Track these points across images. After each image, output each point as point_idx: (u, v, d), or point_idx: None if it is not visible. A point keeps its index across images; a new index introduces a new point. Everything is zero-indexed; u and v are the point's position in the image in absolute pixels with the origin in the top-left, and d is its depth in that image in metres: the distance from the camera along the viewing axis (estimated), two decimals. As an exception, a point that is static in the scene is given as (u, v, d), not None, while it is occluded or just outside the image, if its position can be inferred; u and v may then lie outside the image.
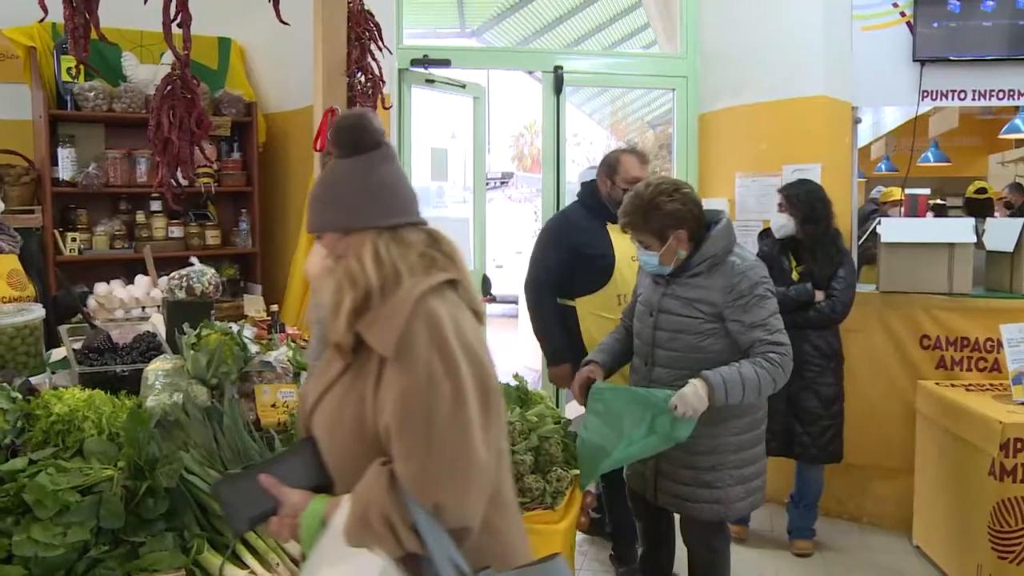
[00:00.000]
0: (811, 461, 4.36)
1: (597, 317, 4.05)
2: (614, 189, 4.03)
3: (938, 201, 10.79)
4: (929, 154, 11.72)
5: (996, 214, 9.24)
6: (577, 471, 2.90)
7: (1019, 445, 3.65)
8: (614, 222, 3.50)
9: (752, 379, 2.96)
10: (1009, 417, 3.72)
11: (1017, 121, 9.12)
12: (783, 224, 4.38)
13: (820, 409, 4.30)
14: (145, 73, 5.27)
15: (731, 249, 3.16)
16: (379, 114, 2.82)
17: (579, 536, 4.42)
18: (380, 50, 2.74)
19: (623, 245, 3.88)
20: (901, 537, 4.58)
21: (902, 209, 8.94)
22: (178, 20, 2.47)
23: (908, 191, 6.88)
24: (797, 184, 4.45)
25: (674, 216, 3.10)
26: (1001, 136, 9.90)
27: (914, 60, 5.05)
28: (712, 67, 5.54)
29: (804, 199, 4.35)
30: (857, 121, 5.19)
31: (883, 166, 12.18)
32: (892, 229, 4.58)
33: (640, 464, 3.35)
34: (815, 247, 4.33)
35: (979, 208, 7.61)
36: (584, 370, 3.32)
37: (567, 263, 4.04)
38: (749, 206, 5.16)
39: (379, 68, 2.76)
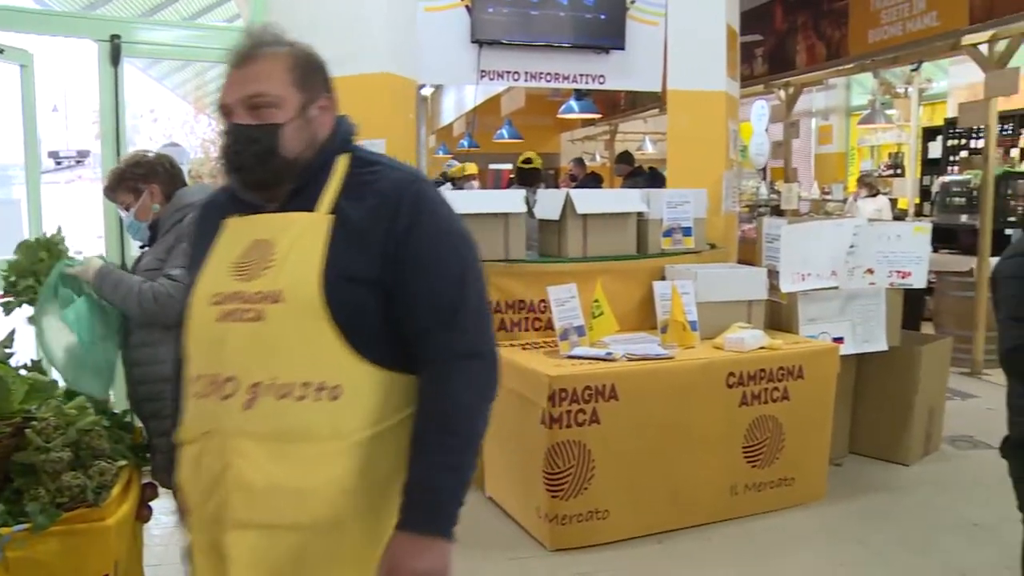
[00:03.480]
0: None
1: None
2: None
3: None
4: (504, 131, 12.56)
5: (561, 185, 10.12)
6: (124, 461, 2.78)
7: (563, 395, 4.03)
8: (245, 211, 1.98)
9: (130, 285, 3.08)
10: (555, 371, 4.10)
11: (572, 103, 10.01)
12: None
13: None
14: None
15: None
16: None
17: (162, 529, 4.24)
18: None
19: (225, 256, 2.17)
20: (475, 490, 4.89)
21: (475, 182, 9.50)
22: None
23: (492, 166, 7.33)
24: None
25: (144, 166, 3.26)
26: (559, 116, 10.83)
27: (472, 42, 5.37)
28: (282, 42, 5.48)
29: None
30: (422, 98, 5.42)
31: (465, 142, 12.90)
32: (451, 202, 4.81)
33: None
34: None
35: (529, 177, 7.89)
36: None
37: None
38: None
39: None
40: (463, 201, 4.93)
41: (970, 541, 4.28)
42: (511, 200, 4.87)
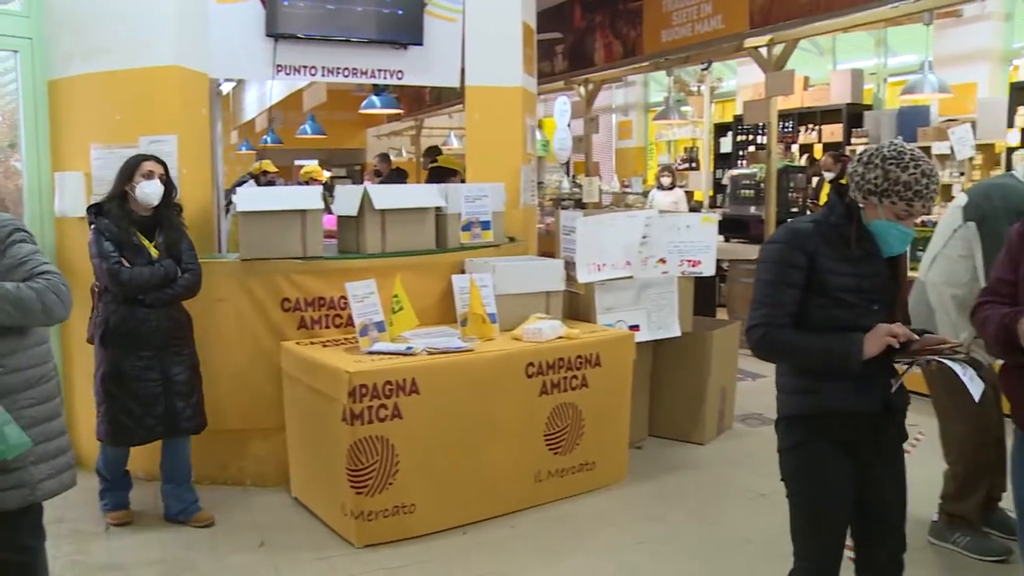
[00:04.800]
0: (195, 431, 4.38)
1: None
2: None
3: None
4: (307, 127, 12.36)
5: (367, 181, 10.07)
6: None
7: (364, 391, 4.01)
8: None
9: (16, 292, 2.73)
10: (355, 367, 4.07)
11: (373, 98, 9.96)
12: (156, 191, 4.21)
13: (195, 379, 4.37)
14: None
15: None
16: None
17: None
18: None
19: None
20: (282, 492, 4.79)
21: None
22: None
23: (297, 162, 7.15)
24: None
25: None
26: (361, 111, 10.74)
27: (268, 35, 5.25)
28: (62, 30, 5.12)
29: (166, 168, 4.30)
30: (218, 93, 5.26)
31: (268, 138, 12.60)
32: (247, 199, 4.71)
33: None
34: (167, 221, 4.29)
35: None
36: None
37: None
38: (107, 179, 4.90)
39: None
40: (258, 199, 4.83)
41: (756, 511, 4.56)
42: (308, 197, 4.79)
